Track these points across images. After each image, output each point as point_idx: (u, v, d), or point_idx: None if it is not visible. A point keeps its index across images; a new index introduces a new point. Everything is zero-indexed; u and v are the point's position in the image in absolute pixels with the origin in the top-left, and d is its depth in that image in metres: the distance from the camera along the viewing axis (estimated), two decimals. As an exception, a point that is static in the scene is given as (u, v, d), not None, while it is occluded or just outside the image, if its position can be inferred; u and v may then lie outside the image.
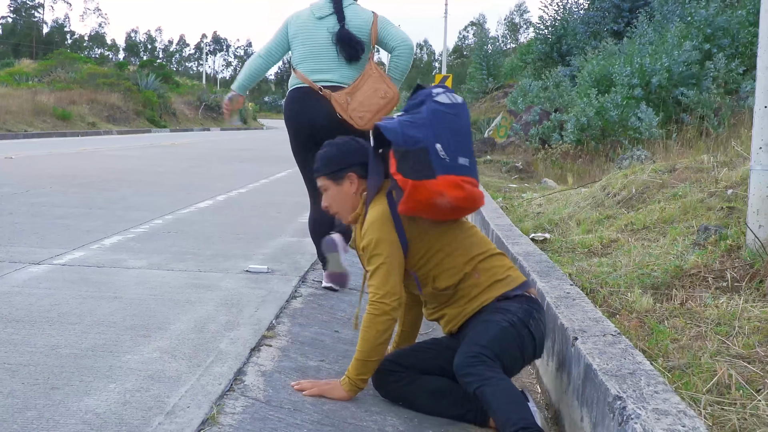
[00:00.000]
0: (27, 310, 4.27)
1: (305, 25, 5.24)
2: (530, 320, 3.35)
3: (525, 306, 3.39)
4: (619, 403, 2.55)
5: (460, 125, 3.41)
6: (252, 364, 3.60)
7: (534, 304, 3.44)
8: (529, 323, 3.34)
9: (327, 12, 5.21)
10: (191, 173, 13.34)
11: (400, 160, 3.31)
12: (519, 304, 3.39)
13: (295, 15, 5.37)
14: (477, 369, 3.14)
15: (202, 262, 5.81)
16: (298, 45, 5.26)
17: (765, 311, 3.98)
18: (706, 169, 7.11)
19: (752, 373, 3.19)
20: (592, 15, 31.93)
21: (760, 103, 4.75)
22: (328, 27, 5.16)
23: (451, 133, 3.35)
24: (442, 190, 3.27)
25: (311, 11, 5.27)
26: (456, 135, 3.36)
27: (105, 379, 3.27)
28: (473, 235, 3.58)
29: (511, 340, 3.28)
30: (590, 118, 15.60)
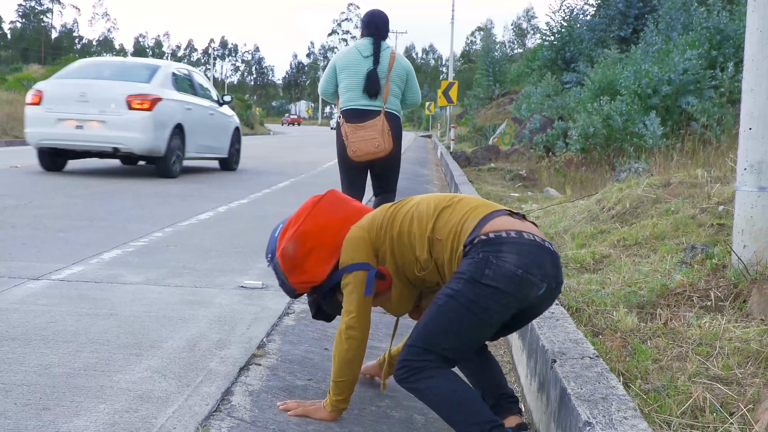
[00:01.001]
0: (23, 328, 4.36)
1: (354, 61, 6.73)
2: (486, 270, 2.96)
3: (477, 257, 3.00)
4: (588, 429, 2.63)
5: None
6: (240, 384, 3.69)
7: (489, 246, 3.01)
8: (483, 276, 2.96)
9: (369, 53, 6.69)
10: (192, 182, 13.43)
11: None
12: (471, 258, 3.02)
13: (343, 53, 6.90)
14: (410, 383, 3.07)
15: (198, 277, 5.89)
16: (346, 76, 6.75)
17: (746, 332, 4.05)
18: (700, 185, 7.19)
19: (727, 396, 3.27)
20: (598, 22, 32.03)
21: (745, 125, 4.82)
22: (368, 66, 6.66)
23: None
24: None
25: (358, 51, 6.74)
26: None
27: (95, 399, 3.36)
28: (420, 202, 3.35)
29: (453, 317, 3.00)
30: (595, 126, 15.68)
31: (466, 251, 3.06)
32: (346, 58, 6.78)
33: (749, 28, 4.85)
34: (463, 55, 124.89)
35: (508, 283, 2.96)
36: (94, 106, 13.45)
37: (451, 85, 34.89)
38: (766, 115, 4.71)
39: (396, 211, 3.38)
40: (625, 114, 15.03)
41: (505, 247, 2.99)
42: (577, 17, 34.46)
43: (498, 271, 2.96)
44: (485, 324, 3.04)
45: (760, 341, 3.90)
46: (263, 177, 15.22)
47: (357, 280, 3.30)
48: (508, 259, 2.96)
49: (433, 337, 3.03)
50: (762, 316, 4.27)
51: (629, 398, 2.90)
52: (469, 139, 37.85)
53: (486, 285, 2.95)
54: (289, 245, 3.40)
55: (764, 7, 4.74)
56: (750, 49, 4.83)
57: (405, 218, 3.31)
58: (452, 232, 3.16)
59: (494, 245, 3.00)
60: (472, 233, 3.07)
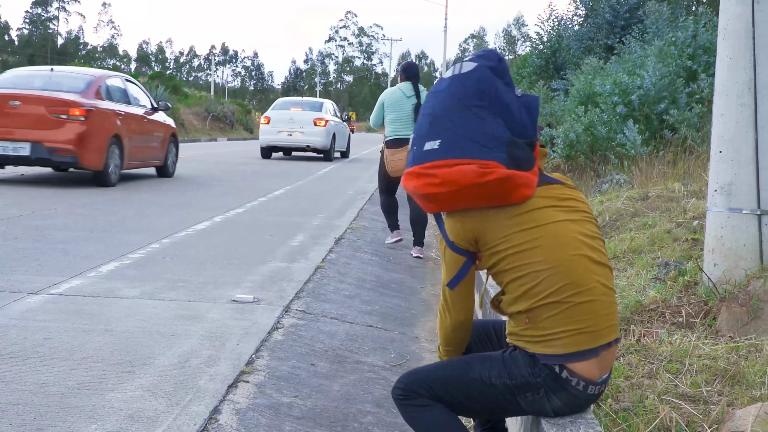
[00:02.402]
0: (21, 345, 4.39)
1: (399, 99, 8.67)
2: (528, 394, 2.87)
3: (533, 380, 2.85)
4: (555, 453, 2.66)
5: (440, 102, 2.93)
6: (228, 402, 3.72)
7: (550, 381, 2.84)
8: (523, 395, 2.88)
9: (411, 93, 8.67)
10: (192, 191, 13.45)
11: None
12: (530, 373, 2.85)
13: (388, 93, 8.85)
14: (403, 406, 3.02)
15: (192, 290, 5.92)
16: (392, 111, 8.64)
17: (714, 349, 4.09)
18: (677, 198, 7.23)
19: (693, 415, 3.30)
20: (585, 31, 32.05)
21: (716, 148, 4.86)
22: (412, 103, 8.60)
23: (427, 115, 2.93)
24: (408, 185, 2.92)
25: (402, 92, 8.70)
26: (432, 116, 2.91)
27: (87, 419, 3.39)
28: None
29: (477, 395, 2.93)
30: (578, 134, 15.70)
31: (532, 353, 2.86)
32: (392, 97, 8.72)
33: (719, 55, 4.89)
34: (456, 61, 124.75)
35: (536, 413, 2.96)
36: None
37: (443, 91, 34.93)
38: (735, 139, 4.75)
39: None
40: (607, 123, 15.05)
41: (562, 394, 2.86)
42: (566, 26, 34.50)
43: (537, 404, 2.89)
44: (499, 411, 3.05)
45: (728, 359, 3.93)
46: (259, 185, 15.22)
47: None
48: (553, 404, 2.89)
49: (443, 388, 2.96)
50: (730, 334, 4.31)
51: (596, 421, 2.93)
52: (461, 145, 37.81)
53: (518, 402, 2.91)
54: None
55: (734, 36, 4.78)
56: (720, 75, 4.87)
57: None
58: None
59: (555, 384, 2.84)
60: (558, 354, 2.82)
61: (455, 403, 2.97)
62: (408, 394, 2.98)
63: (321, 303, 5.91)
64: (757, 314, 4.30)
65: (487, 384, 2.90)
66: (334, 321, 5.52)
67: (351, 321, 5.61)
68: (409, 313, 6.16)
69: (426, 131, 2.89)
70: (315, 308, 5.73)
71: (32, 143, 12.75)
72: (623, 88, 15.38)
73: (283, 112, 25.46)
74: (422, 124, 2.92)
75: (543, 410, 2.91)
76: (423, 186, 2.85)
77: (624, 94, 15.31)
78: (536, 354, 2.85)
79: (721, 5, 4.93)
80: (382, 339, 5.34)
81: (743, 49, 4.74)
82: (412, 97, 8.64)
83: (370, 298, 6.43)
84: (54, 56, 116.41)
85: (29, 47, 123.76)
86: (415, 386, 2.97)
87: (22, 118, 12.87)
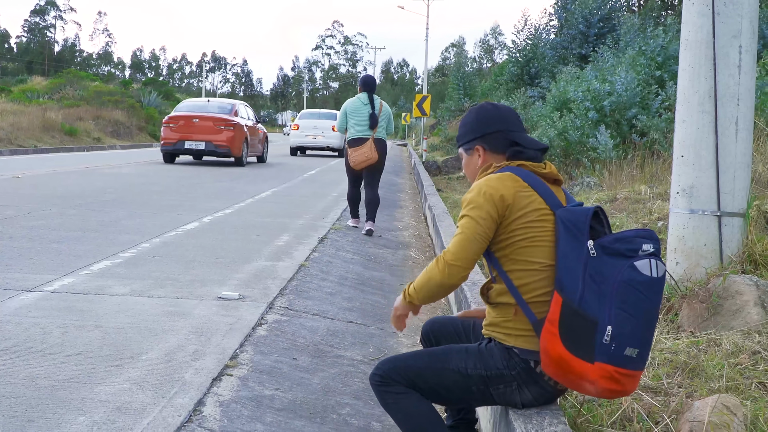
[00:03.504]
0: (15, 340, 4.37)
1: (357, 107, 9.98)
2: (501, 386, 2.91)
3: (508, 373, 2.90)
4: (521, 443, 2.68)
5: (648, 310, 2.68)
6: (212, 395, 3.72)
7: (525, 375, 2.90)
8: (495, 387, 2.92)
9: (367, 102, 10.00)
10: (182, 192, 13.40)
11: (564, 316, 2.72)
12: (504, 365, 2.90)
13: (350, 102, 10.15)
14: (380, 392, 3.04)
15: (180, 288, 5.91)
16: (352, 117, 9.97)
17: (676, 343, 4.12)
18: (643, 200, 7.27)
19: (654, 406, 3.32)
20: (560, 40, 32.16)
21: (677, 153, 4.90)
22: (368, 110, 9.93)
23: (632, 318, 2.63)
24: (593, 378, 2.67)
25: (360, 101, 10.03)
26: (636, 321, 2.64)
27: (76, 411, 3.38)
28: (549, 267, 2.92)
29: (452, 385, 2.96)
30: (551, 139, 15.76)
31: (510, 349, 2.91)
32: (353, 106, 10.04)
33: (682, 64, 4.92)
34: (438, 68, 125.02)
35: (505, 404, 2.99)
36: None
37: (424, 98, 35.13)
38: (696, 144, 4.79)
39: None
40: (580, 128, 15.11)
41: (534, 388, 2.91)
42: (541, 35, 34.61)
43: (508, 396, 2.93)
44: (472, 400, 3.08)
45: (688, 353, 3.96)
46: (247, 186, 15.19)
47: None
48: (524, 397, 2.92)
49: (420, 377, 2.99)
50: (691, 329, 4.34)
51: (561, 412, 2.94)
52: (441, 149, 37.95)
53: (490, 392, 2.94)
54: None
55: (695, 46, 4.82)
56: (682, 83, 4.91)
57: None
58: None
59: (529, 378, 2.89)
60: (531, 351, 2.87)
61: (430, 391, 3.00)
62: (386, 381, 3.01)
63: (303, 300, 5.91)
64: (716, 310, 4.33)
65: (463, 374, 2.93)
66: (315, 317, 5.52)
67: (332, 317, 5.62)
68: (388, 310, 6.16)
69: (631, 332, 2.64)
70: (298, 305, 5.73)
71: (206, 142, 21.55)
72: (595, 95, 15.45)
73: (308, 120, 32.23)
74: (631, 319, 2.64)
75: (512, 402, 2.95)
76: (609, 391, 2.72)
77: (596, 101, 15.38)
78: (514, 347, 2.89)
79: (683, 17, 4.97)
80: (361, 334, 5.35)
81: (704, 58, 4.78)
82: (368, 105, 9.99)
83: (351, 295, 6.43)
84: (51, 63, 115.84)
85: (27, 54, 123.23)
86: (392, 373, 3.00)
87: (200, 128, 21.72)
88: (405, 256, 8.70)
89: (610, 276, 2.64)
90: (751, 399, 3.35)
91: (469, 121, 3.20)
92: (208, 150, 21.46)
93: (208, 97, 27.42)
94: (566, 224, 2.80)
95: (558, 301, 2.75)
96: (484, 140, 3.12)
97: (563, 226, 2.81)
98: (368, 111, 9.92)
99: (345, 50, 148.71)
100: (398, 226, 11.20)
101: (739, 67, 4.74)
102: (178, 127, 21.69)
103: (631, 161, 13.09)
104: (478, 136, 3.13)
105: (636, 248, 2.67)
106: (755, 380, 3.59)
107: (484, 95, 46.24)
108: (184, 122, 21.78)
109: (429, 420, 2.99)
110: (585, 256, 2.70)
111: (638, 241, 2.68)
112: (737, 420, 2.94)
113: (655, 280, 2.66)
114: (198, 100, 24.80)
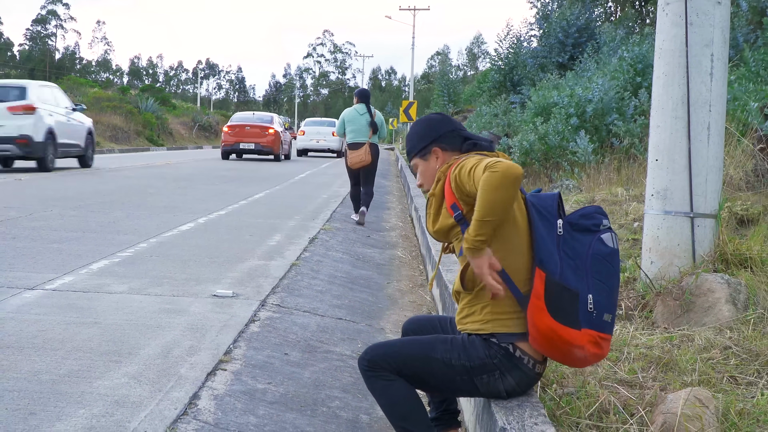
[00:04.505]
0: (17, 336, 4.36)
1: (354, 116, 11.06)
2: (484, 376, 2.92)
3: (490, 361, 2.91)
4: (503, 434, 2.68)
5: (616, 278, 2.90)
6: (207, 389, 3.71)
7: (506, 361, 2.90)
8: (479, 378, 2.93)
9: (364, 112, 11.08)
10: (179, 195, 13.35)
11: (549, 290, 2.78)
12: (486, 353, 2.91)
13: (347, 112, 11.24)
14: (368, 377, 3.04)
15: (176, 286, 5.89)
16: (350, 125, 11.05)
17: (650, 339, 4.13)
18: (619, 202, 7.29)
19: (629, 399, 3.33)
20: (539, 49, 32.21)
21: (652, 157, 4.91)
22: (366, 119, 11.02)
23: (605, 286, 2.83)
24: (582, 343, 2.79)
25: (356, 111, 11.12)
26: (609, 288, 2.85)
27: (76, 404, 3.37)
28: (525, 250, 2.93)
29: (434, 371, 2.97)
30: (532, 143, 15.78)
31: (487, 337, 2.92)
32: (350, 114, 11.12)
33: (656, 72, 4.94)
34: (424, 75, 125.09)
35: (490, 394, 2.98)
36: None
37: (410, 104, 35.41)
38: (670, 149, 4.80)
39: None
40: (560, 133, 15.14)
41: (516, 373, 2.90)
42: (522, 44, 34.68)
43: (492, 385, 2.93)
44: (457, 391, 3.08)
45: (662, 348, 3.97)
46: (240, 189, 15.16)
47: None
48: (507, 384, 2.93)
49: (406, 364, 2.99)
50: (665, 325, 4.35)
51: (541, 405, 2.95)
52: (427, 153, 37.89)
53: (474, 383, 2.94)
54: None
55: (669, 55, 4.83)
56: (656, 90, 4.92)
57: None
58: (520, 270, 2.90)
59: (510, 363, 2.90)
60: (515, 333, 2.89)
61: (415, 379, 3.01)
62: (373, 367, 3.01)
63: (295, 297, 5.91)
64: (689, 307, 4.34)
65: (447, 364, 2.95)
66: (306, 314, 5.51)
67: (322, 314, 5.61)
68: (375, 307, 6.17)
69: (606, 299, 2.84)
70: (289, 302, 5.72)
71: (255, 143, 28.12)
72: (577, 101, 15.49)
73: (312, 127, 36.59)
74: (604, 287, 2.84)
75: (497, 391, 2.95)
76: (596, 356, 2.87)
77: (578, 106, 15.41)
78: (492, 336, 2.91)
79: (657, 27, 4.99)
80: (350, 330, 5.35)
81: (677, 66, 4.79)
82: (365, 114, 11.09)
83: (340, 293, 6.42)
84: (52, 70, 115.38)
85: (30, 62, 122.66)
86: (380, 359, 3.01)
87: (251, 134, 28.38)
88: (392, 255, 8.69)
89: (581, 251, 2.85)
90: (723, 392, 3.36)
91: (419, 130, 3.25)
92: (256, 149, 28.13)
93: (253, 111, 39.86)
94: (537, 208, 2.91)
95: (541, 276, 2.81)
96: (440, 141, 3.16)
97: (535, 209, 2.91)
98: (366, 120, 11.02)
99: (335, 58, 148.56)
100: (385, 227, 11.20)
101: (711, 75, 4.76)
102: (234, 133, 28.35)
103: (608, 165, 13.11)
104: (435, 138, 3.17)
105: (598, 223, 2.89)
106: (726, 374, 3.60)
107: (468, 101, 46.30)
108: (239, 129, 28.45)
109: (412, 406, 3.00)
110: (557, 235, 2.87)
111: (598, 217, 2.90)
112: (709, 412, 2.95)
113: (615, 251, 2.89)
114: (245, 114, 32.21)
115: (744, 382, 3.53)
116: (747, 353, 3.83)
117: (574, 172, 13.43)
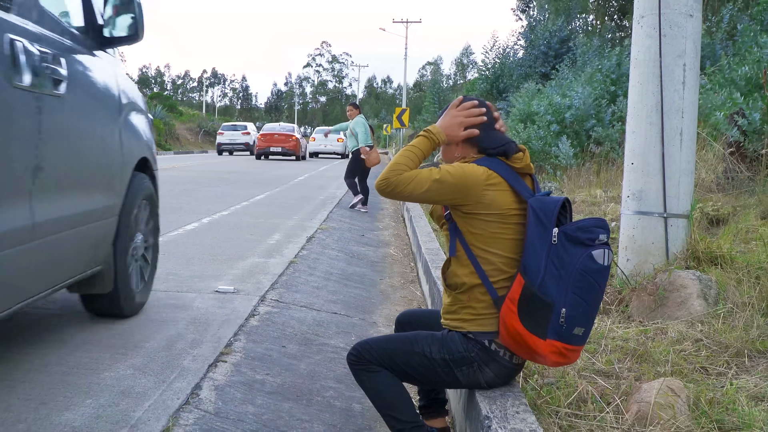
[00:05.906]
0: (31, 330, 4.33)
1: (361, 122, 12.90)
2: (464, 368, 2.91)
3: (468, 355, 2.90)
4: (486, 422, 2.67)
5: (598, 294, 2.76)
6: (208, 379, 3.69)
7: (483, 354, 2.91)
8: (459, 370, 2.91)
9: (365, 120, 12.73)
10: (184, 196, 13.33)
11: (524, 297, 2.75)
12: (464, 348, 2.91)
13: (355, 120, 12.91)
14: (356, 370, 3.05)
15: (180, 282, 5.87)
16: (360, 130, 12.84)
17: (626, 332, 4.13)
18: (598, 203, 7.29)
19: (606, 389, 3.33)
20: (524, 59, 32.29)
21: (628, 161, 4.91)
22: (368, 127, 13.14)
23: (583, 302, 2.71)
24: (543, 353, 2.75)
25: (362, 120, 12.90)
26: (587, 305, 2.72)
27: (84, 395, 3.35)
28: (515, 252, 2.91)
29: (419, 367, 2.95)
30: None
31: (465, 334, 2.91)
32: (358, 122, 12.79)
33: (632, 81, 4.94)
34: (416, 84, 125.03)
35: (471, 385, 2.98)
36: None
37: (403, 111, 35.53)
38: (644, 153, 4.80)
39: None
40: (543, 138, 15.17)
41: (493, 365, 2.91)
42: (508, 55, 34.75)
43: (472, 376, 2.92)
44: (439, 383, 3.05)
45: (637, 340, 3.97)
46: (242, 191, 15.14)
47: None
48: (486, 375, 2.93)
49: (390, 358, 2.98)
50: (640, 319, 4.35)
51: (522, 394, 2.94)
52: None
53: (455, 375, 2.93)
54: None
55: (644, 64, 4.83)
56: (632, 98, 4.92)
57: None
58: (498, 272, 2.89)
59: (486, 356, 2.90)
60: (489, 332, 2.89)
61: (400, 372, 3.00)
62: (360, 360, 3.02)
63: (292, 293, 5.89)
64: (663, 302, 4.34)
65: (428, 358, 2.94)
66: (303, 309, 5.49)
67: (318, 309, 5.60)
68: (368, 302, 6.15)
69: (581, 314, 2.73)
70: (287, 298, 5.70)
71: (282, 147, 34.82)
72: (556, 108, 15.51)
73: (321, 135, 41.77)
74: (582, 303, 2.72)
75: (477, 382, 2.94)
76: (556, 363, 2.83)
77: (557, 114, 15.44)
78: (470, 332, 2.90)
79: (633, 38, 4.99)
80: (344, 324, 5.33)
81: (651, 76, 4.79)
82: (366, 123, 13.00)
83: (335, 288, 6.41)
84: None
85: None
86: (366, 353, 3.01)
87: (278, 140, 34.96)
88: (385, 253, 8.68)
89: (569, 263, 2.70)
90: (694, 382, 3.36)
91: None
92: (283, 152, 35.08)
93: (279, 122, 48.03)
94: (536, 212, 2.78)
95: (520, 282, 2.76)
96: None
97: (533, 213, 2.79)
98: (368, 127, 13.04)
99: (332, 68, 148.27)
100: (379, 227, 11.18)
101: (684, 84, 4.76)
102: (266, 140, 35.21)
103: (588, 168, 13.14)
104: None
105: (594, 237, 2.71)
106: (697, 365, 3.61)
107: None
108: (269, 137, 35.30)
109: (397, 397, 2.99)
110: (549, 243, 2.73)
111: (596, 231, 2.72)
112: (680, 401, 2.95)
113: (605, 268, 2.73)
114: (273, 125, 38.04)
115: (714, 373, 3.54)
116: (717, 345, 3.83)
117: (557, 174, 13.46)
